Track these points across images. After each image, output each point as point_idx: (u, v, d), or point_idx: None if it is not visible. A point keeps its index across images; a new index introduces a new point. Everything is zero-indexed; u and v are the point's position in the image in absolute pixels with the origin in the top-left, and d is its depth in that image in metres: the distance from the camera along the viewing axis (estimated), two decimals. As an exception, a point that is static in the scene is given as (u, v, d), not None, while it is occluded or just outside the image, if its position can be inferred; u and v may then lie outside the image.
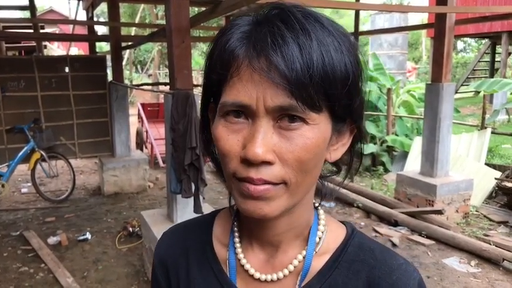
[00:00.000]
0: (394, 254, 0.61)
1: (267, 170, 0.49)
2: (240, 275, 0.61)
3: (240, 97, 0.49)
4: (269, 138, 0.49)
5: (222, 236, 0.65)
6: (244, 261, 0.61)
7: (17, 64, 5.74)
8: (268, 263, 0.60)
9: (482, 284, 3.55)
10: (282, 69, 0.47)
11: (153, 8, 17.53)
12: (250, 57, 0.48)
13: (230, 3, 2.91)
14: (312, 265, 0.59)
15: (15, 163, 5.56)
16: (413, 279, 0.57)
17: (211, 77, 0.53)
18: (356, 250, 0.60)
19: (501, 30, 12.60)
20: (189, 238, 0.68)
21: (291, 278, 0.59)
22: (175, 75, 3.16)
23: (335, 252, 0.60)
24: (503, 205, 5.31)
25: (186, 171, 3.08)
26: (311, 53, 0.47)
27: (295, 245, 0.60)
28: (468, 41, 26.91)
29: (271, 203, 0.51)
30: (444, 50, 4.66)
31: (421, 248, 4.21)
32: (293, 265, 0.59)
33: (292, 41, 0.47)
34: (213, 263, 0.64)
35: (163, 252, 0.69)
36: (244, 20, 0.52)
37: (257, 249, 0.62)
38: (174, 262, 0.67)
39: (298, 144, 0.49)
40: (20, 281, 3.70)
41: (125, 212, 5.42)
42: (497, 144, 8.41)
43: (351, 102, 0.52)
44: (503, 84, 6.45)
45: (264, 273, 0.60)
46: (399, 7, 9.77)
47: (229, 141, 0.51)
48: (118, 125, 6.22)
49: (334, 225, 0.63)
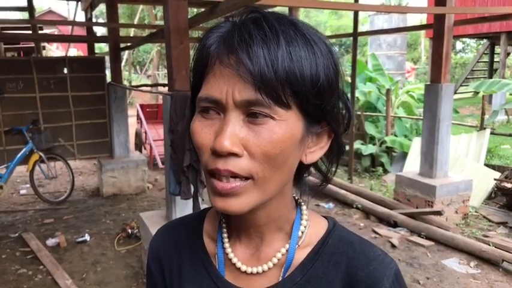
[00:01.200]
0: (372, 245, 0.63)
1: (234, 162, 0.52)
2: (228, 268, 0.65)
3: (211, 92, 0.53)
4: (237, 131, 0.52)
5: (211, 231, 0.69)
6: (232, 255, 0.64)
7: (16, 65, 5.73)
8: (254, 256, 0.64)
9: (482, 285, 3.54)
10: (248, 65, 0.50)
11: (152, 9, 17.52)
12: (221, 54, 0.52)
13: (229, 4, 2.91)
14: (294, 257, 0.62)
15: (13, 164, 5.54)
16: (390, 269, 0.59)
17: (194, 75, 0.58)
18: (336, 243, 0.62)
19: (500, 30, 12.61)
20: (182, 234, 0.71)
21: (275, 270, 0.62)
22: (173, 77, 3.15)
23: (316, 245, 0.63)
24: (503, 206, 5.31)
25: (185, 172, 3.07)
26: (276, 50, 0.50)
27: (279, 238, 0.63)
28: (467, 42, 26.94)
29: (240, 199, 0.54)
30: (443, 51, 4.66)
31: (420, 249, 4.21)
32: (277, 258, 0.62)
33: (259, 39, 0.50)
34: (203, 257, 0.67)
35: (157, 247, 0.73)
36: (225, 24, 0.56)
37: (243, 243, 0.65)
38: (167, 256, 0.71)
39: (265, 138, 0.52)
40: (18, 283, 3.69)
41: (124, 213, 5.41)
42: (496, 145, 8.42)
43: (322, 103, 0.54)
44: (502, 84, 6.45)
45: (250, 266, 0.63)
46: (398, 8, 9.77)
47: (202, 135, 0.54)
48: (117, 126, 6.20)
49: (317, 219, 0.66)
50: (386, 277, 0.58)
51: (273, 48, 0.50)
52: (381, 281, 0.58)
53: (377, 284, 0.58)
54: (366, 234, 4.56)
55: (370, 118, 8.02)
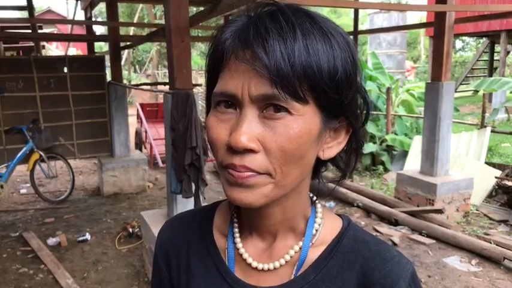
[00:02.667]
0: (388, 246, 0.62)
1: (250, 158, 0.51)
2: (238, 264, 0.64)
3: (227, 87, 0.52)
4: (253, 127, 0.51)
5: (222, 226, 0.67)
6: (243, 251, 0.63)
7: (16, 64, 5.72)
8: (266, 253, 0.62)
9: (483, 283, 3.54)
10: (263, 59, 0.49)
11: (151, 8, 17.50)
12: (236, 48, 0.51)
13: (229, 2, 2.90)
14: (308, 256, 0.61)
15: (14, 164, 5.54)
16: (406, 270, 0.58)
17: (209, 71, 0.57)
18: (351, 242, 0.61)
19: (500, 29, 12.61)
20: (191, 227, 0.70)
21: (287, 268, 0.61)
22: (174, 75, 3.15)
23: (330, 243, 0.61)
24: (504, 204, 5.31)
25: (186, 171, 3.07)
26: (293, 43, 0.49)
27: (292, 236, 0.62)
28: (467, 40, 26.94)
29: (255, 191, 0.53)
30: (444, 49, 4.65)
31: (421, 247, 4.21)
32: (289, 255, 0.61)
33: (275, 32, 0.49)
34: (213, 251, 0.66)
35: (165, 239, 0.71)
36: (240, 18, 0.55)
37: (255, 239, 0.64)
38: (175, 249, 0.70)
39: (281, 133, 0.51)
40: (19, 282, 3.68)
41: (125, 212, 5.40)
42: (496, 143, 8.42)
43: (340, 97, 0.53)
44: (502, 83, 6.45)
45: (261, 263, 0.62)
46: (398, 6, 9.77)
47: (217, 130, 0.53)
48: (117, 125, 6.20)
49: (331, 218, 0.65)
50: (403, 279, 0.57)
51: (289, 42, 0.49)
52: (397, 282, 0.57)
53: (393, 286, 0.57)
54: (367, 233, 4.56)
55: (371, 117, 7.99)
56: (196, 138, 3.05)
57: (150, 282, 3.60)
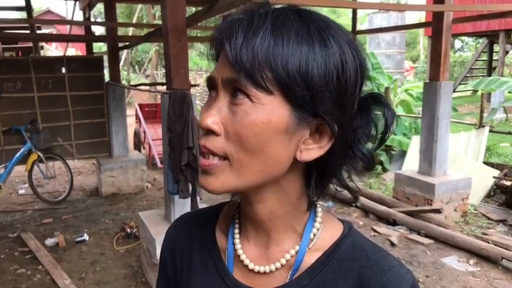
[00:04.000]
0: (387, 255, 0.60)
1: (212, 139, 0.54)
2: (237, 265, 0.64)
3: (212, 72, 0.57)
4: (221, 110, 0.54)
5: (224, 225, 0.68)
6: (241, 252, 0.63)
7: (14, 65, 5.71)
8: (264, 255, 0.63)
9: (481, 282, 3.54)
10: (227, 47, 0.52)
11: (150, 8, 17.50)
12: (220, 41, 0.55)
13: (226, 2, 2.89)
14: (304, 260, 0.60)
15: (12, 164, 5.53)
16: (405, 281, 0.57)
17: None
18: (349, 249, 0.60)
19: (498, 28, 12.60)
20: (196, 226, 0.71)
21: (283, 271, 0.61)
22: (171, 75, 3.14)
23: (328, 249, 0.61)
24: (502, 204, 5.31)
25: (183, 171, 3.06)
26: (259, 35, 0.51)
27: (290, 239, 0.62)
28: (466, 40, 26.95)
29: (217, 178, 0.55)
30: (442, 49, 4.65)
31: (419, 247, 4.21)
32: (285, 259, 0.61)
33: (246, 26, 0.52)
34: (213, 251, 0.67)
35: (172, 236, 0.74)
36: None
37: (253, 240, 0.64)
38: (180, 246, 0.71)
39: (239, 119, 0.52)
40: (17, 283, 3.68)
41: (123, 213, 5.40)
42: (495, 143, 8.42)
43: (310, 94, 0.52)
44: (500, 82, 6.45)
45: (258, 265, 0.62)
46: (397, 6, 9.77)
47: (202, 113, 0.56)
48: (115, 125, 6.19)
49: (332, 223, 0.64)
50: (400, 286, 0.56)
51: (255, 33, 0.51)
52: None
53: None
54: (365, 233, 4.56)
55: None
56: (193, 138, 3.05)
57: (147, 282, 3.60)
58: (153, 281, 3.44)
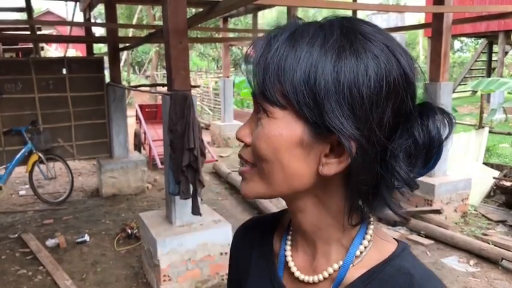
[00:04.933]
0: (437, 283, 0.56)
1: (244, 149, 0.59)
2: (286, 271, 0.66)
3: None
4: (251, 123, 0.58)
5: (281, 232, 0.70)
6: (290, 259, 0.65)
7: (14, 66, 5.72)
8: (311, 265, 0.64)
9: (481, 283, 3.55)
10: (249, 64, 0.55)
11: (150, 9, 17.51)
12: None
13: (227, 4, 2.91)
14: (347, 276, 0.59)
15: (12, 165, 5.54)
16: None
17: None
18: (393, 271, 0.57)
19: (498, 29, 12.62)
20: (259, 229, 0.75)
21: (326, 283, 0.61)
22: (172, 76, 3.15)
23: (374, 268, 0.58)
24: (502, 204, 5.32)
25: (184, 172, 3.07)
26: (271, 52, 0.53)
27: (336, 252, 0.61)
28: (465, 41, 26.97)
29: (248, 184, 0.59)
30: (442, 49, 4.67)
31: (420, 247, 4.21)
32: (328, 272, 0.60)
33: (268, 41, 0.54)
34: (269, 255, 0.70)
35: (237, 241, 0.78)
36: None
37: (301, 249, 0.65)
38: (243, 251, 0.76)
39: (257, 131, 0.56)
40: (18, 283, 3.69)
41: (123, 213, 5.40)
42: (494, 144, 8.43)
43: (317, 107, 0.50)
44: (500, 83, 6.46)
45: (304, 274, 0.63)
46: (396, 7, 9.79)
47: None
48: (116, 126, 6.20)
49: (384, 242, 0.61)
50: None
51: (275, 46, 0.53)
52: None
53: None
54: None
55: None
56: (194, 139, 3.06)
57: (148, 283, 3.61)
58: (154, 282, 3.45)
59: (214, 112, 13.71)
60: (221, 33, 10.46)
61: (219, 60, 22.96)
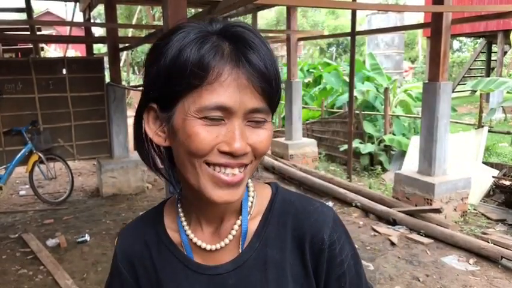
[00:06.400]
0: (311, 200, 0.72)
1: (244, 157, 0.60)
2: (195, 251, 0.71)
3: (222, 100, 0.57)
4: (244, 134, 0.59)
5: (171, 223, 0.74)
6: (196, 239, 0.70)
7: (14, 66, 5.73)
8: (215, 235, 0.70)
9: (481, 281, 3.56)
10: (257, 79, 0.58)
11: (149, 9, 17.52)
12: (231, 66, 0.57)
13: (227, 4, 2.92)
14: (249, 228, 0.69)
15: (13, 165, 5.54)
16: (328, 216, 0.68)
17: (172, 84, 0.59)
18: (280, 206, 0.70)
19: (497, 29, 12.65)
20: (146, 231, 0.76)
21: (234, 243, 0.69)
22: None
23: (265, 212, 0.70)
24: (501, 203, 5.34)
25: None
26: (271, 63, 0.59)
27: (233, 214, 0.70)
28: (464, 41, 27.01)
29: (240, 189, 0.62)
30: (441, 49, 4.68)
31: (419, 246, 4.23)
32: (234, 230, 0.69)
33: (258, 55, 0.58)
34: (171, 247, 0.72)
35: (127, 248, 0.76)
36: (194, 32, 0.59)
37: (205, 227, 0.71)
38: (139, 256, 0.74)
39: (265, 137, 0.61)
40: (19, 283, 3.69)
41: (124, 213, 5.41)
42: (494, 143, 8.45)
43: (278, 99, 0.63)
44: (499, 83, 6.48)
45: (213, 244, 0.69)
46: (395, 7, 9.81)
47: (207, 138, 0.58)
48: (116, 126, 6.21)
49: (261, 188, 0.73)
50: (326, 224, 0.67)
51: (268, 63, 0.59)
52: (322, 228, 0.67)
53: (320, 231, 0.67)
54: (365, 233, 4.59)
55: (369, 117, 8.04)
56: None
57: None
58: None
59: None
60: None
61: (219, 60, 22.89)
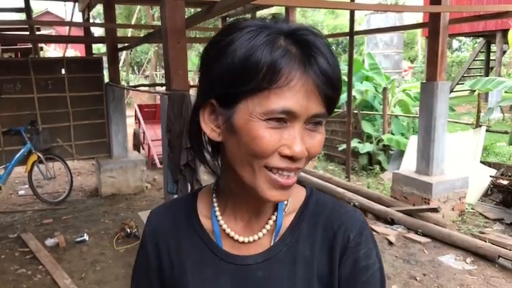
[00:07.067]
0: (344, 204, 0.76)
1: (301, 161, 0.63)
2: (225, 240, 0.73)
3: (289, 105, 0.58)
4: (303, 138, 0.61)
5: (205, 210, 0.76)
6: (228, 230, 0.72)
7: (13, 66, 5.74)
8: (248, 228, 0.73)
9: (478, 280, 3.58)
10: (323, 85, 0.59)
11: (149, 9, 17.53)
12: (301, 72, 0.58)
13: (225, 4, 2.93)
14: (283, 224, 0.72)
15: (12, 165, 5.55)
16: (358, 220, 0.72)
17: (239, 84, 0.59)
18: (314, 206, 0.74)
19: (495, 29, 12.66)
20: (177, 214, 0.77)
21: (267, 237, 0.72)
22: (171, 76, 3.17)
23: (299, 210, 0.74)
24: (499, 203, 5.35)
25: (182, 171, 3.10)
26: (336, 70, 0.61)
27: (268, 209, 0.73)
28: (463, 40, 27.01)
29: (291, 190, 0.66)
30: (438, 49, 4.70)
31: (417, 245, 4.24)
32: (269, 225, 0.72)
33: (325, 61, 0.59)
34: (201, 232, 0.74)
35: (155, 228, 0.78)
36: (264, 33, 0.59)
37: (238, 218, 0.73)
38: (164, 236, 0.76)
39: (319, 141, 0.64)
40: (17, 283, 3.70)
41: (123, 213, 5.42)
42: (492, 142, 8.47)
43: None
44: (497, 82, 6.47)
45: (245, 236, 0.72)
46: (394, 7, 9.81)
47: (271, 141, 0.60)
48: (115, 126, 6.22)
49: (297, 188, 0.76)
50: (354, 226, 0.71)
51: (334, 67, 0.61)
52: (349, 228, 0.71)
53: (347, 231, 0.71)
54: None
55: (367, 117, 8.05)
56: (193, 138, 3.08)
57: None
58: (153, 280, 3.47)
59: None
60: (220, 33, 10.45)
61: (218, 60, 22.89)
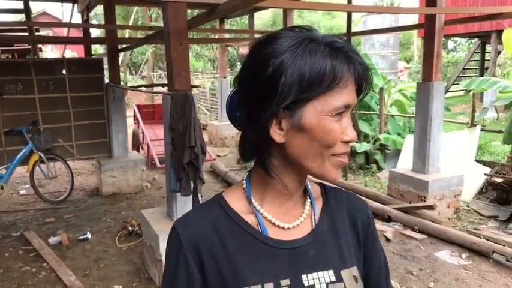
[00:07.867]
0: (352, 193, 0.93)
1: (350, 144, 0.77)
2: (270, 229, 0.79)
3: (348, 100, 0.72)
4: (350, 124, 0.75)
5: (242, 207, 0.80)
6: (274, 219, 0.79)
7: (14, 67, 5.79)
8: (287, 215, 0.81)
9: (473, 275, 3.68)
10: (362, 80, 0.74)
11: (146, 10, 17.57)
12: (350, 73, 0.72)
13: (228, 6, 3.00)
14: (316, 209, 0.84)
15: (13, 165, 5.61)
16: (365, 204, 0.91)
17: (306, 90, 0.70)
18: (332, 191, 0.89)
19: (490, 29, 12.79)
20: (214, 217, 0.78)
21: (307, 221, 0.82)
22: (173, 77, 3.24)
23: (322, 195, 0.87)
24: (493, 200, 5.45)
25: (185, 169, 3.17)
26: (367, 68, 0.75)
27: (300, 198, 0.84)
28: (459, 41, 27.20)
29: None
30: (434, 50, 4.79)
31: (414, 242, 4.34)
32: (306, 209, 0.83)
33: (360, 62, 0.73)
34: (246, 227, 0.78)
35: (194, 235, 0.76)
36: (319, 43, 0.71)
37: (278, 208, 0.81)
38: (206, 241, 0.76)
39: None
40: (22, 279, 3.77)
41: (124, 211, 5.49)
42: (486, 141, 8.57)
43: None
44: (491, 82, 6.58)
45: (290, 223, 0.80)
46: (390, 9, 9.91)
47: (338, 131, 0.72)
48: (115, 126, 6.28)
49: (310, 181, 0.87)
50: (367, 207, 0.91)
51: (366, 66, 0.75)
52: (366, 208, 0.90)
53: (365, 210, 0.89)
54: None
55: (364, 116, 8.15)
56: (195, 137, 3.15)
57: (150, 278, 3.68)
58: (156, 277, 3.54)
59: (211, 112, 13.80)
60: (218, 33, 10.56)
61: (215, 61, 23.01)
